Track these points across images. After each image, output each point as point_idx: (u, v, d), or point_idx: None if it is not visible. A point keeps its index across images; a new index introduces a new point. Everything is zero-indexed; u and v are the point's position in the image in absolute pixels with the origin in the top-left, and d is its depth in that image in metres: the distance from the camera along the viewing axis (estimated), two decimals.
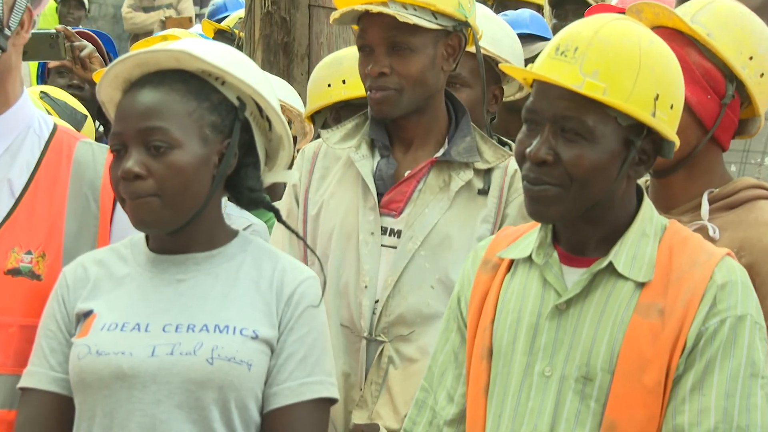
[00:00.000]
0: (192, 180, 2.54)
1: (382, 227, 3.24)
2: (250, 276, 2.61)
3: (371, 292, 3.21)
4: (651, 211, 2.50)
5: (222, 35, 6.99)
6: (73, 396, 2.58)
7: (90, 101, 5.16)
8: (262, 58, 5.34)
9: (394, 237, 3.23)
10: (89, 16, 12.38)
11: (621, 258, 2.42)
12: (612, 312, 2.41)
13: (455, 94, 3.40)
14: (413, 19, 3.14)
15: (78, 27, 7.14)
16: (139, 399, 2.49)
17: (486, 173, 3.26)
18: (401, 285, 3.20)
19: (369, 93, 3.23)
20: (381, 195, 3.25)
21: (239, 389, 2.51)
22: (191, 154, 2.53)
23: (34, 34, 2.86)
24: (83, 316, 2.61)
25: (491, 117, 4.70)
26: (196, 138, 2.54)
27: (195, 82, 2.58)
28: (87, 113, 5.03)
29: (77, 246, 2.74)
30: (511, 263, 2.58)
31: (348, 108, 3.92)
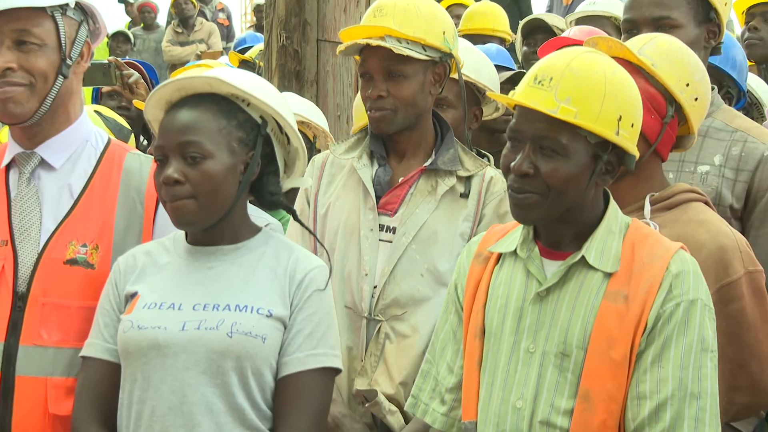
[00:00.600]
0: (221, 185, 2.54)
1: (379, 225, 3.21)
2: (269, 265, 2.62)
3: (371, 279, 3.18)
4: (616, 212, 2.51)
5: (245, 64, 7.00)
6: (120, 363, 2.59)
7: (135, 120, 5.17)
8: (278, 83, 5.33)
9: (389, 233, 3.20)
10: (134, 49, 12.35)
11: (591, 252, 2.44)
12: (585, 298, 2.42)
13: (441, 113, 3.38)
14: (406, 51, 3.11)
15: (126, 58, 7.12)
16: (171, 366, 2.51)
17: (467, 180, 3.23)
18: (396, 273, 3.16)
19: (369, 112, 3.21)
20: (379, 197, 3.22)
21: (254, 359, 2.51)
22: (221, 163, 2.54)
23: (90, 63, 2.85)
24: (130, 296, 2.62)
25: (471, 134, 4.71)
26: (225, 150, 2.55)
27: (225, 103, 2.59)
28: (131, 129, 5.04)
29: (125, 240, 2.74)
30: (500, 256, 2.59)
31: None
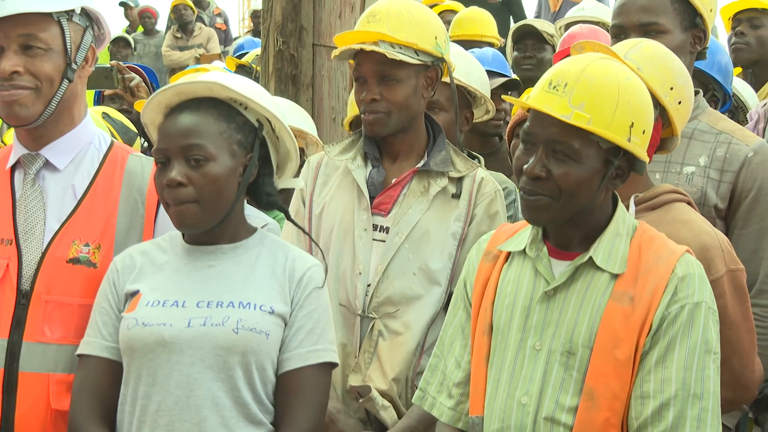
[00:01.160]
0: (224, 187, 2.55)
1: (373, 224, 3.19)
2: (266, 263, 2.63)
3: (364, 277, 3.17)
4: (624, 215, 2.51)
5: (242, 69, 7.00)
6: (122, 360, 2.59)
7: (136, 122, 5.15)
8: (274, 87, 5.33)
9: (383, 232, 3.19)
10: (135, 53, 12.37)
11: (599, 253, 2.43)
12: (591, 298, 2.42)
13: (434, 116, 3.38)
14: (399, 56, 3.11)
15: (127, 62, 7.12)
16: (178, 361, 2.51)
17: (458, 180, 3.22)
18: (389, 272, 3.15)
19: (363, 115, 3.21)
20: (372, 198, 3.21)
21: (258, 354, 2.53)
22: (223, 165, 2.55)
23: (94, 67, 2.86)
24: (131, 295, 2.62)
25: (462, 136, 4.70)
26: (226, 152, 2.56)
27: (224, 107, 2.60)
28: (137, 131, 5.04)
29: (127, 240, 2.74)
30: (508, 255, 2.59)
31: None
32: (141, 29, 13.78)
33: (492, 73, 4.58)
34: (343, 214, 3.24)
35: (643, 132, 2.42)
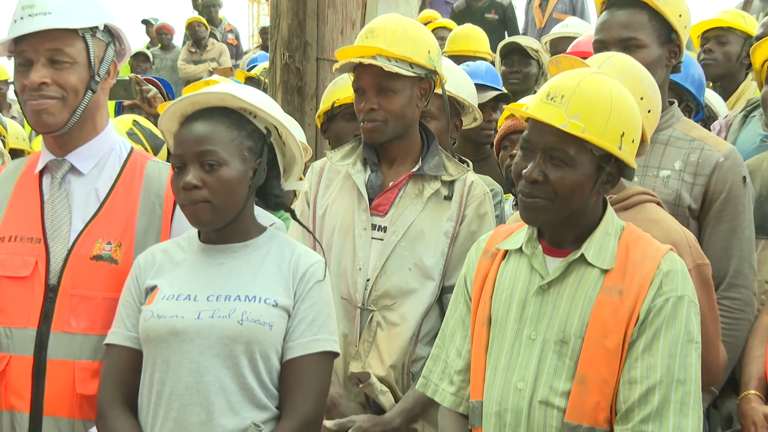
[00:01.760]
0: (235, 189, 2.58)
1: (372, 224, 3.22)
2: (274, 260, 2.64)
3: (364, 273, 3.19)
4: (613, 216, 2.53)
5: (251, 81, 6.99)
6: (142, 349, 2.62)
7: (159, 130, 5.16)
8: (281, 97, 5.24)
9: (381, 231, 3.22)
10: (153, 67, 12.27)
11: (590, 251, 2.46)
12: (583, 292, 2.44)
13: (426, 124, 3.38)
14: (395, 69, 3.13)
15: (145, 75, 7.14)
16: (188, 350, 2.53)
17: (450, 183, 3.25)
18: (386, 268, 3.18)
19: (362, 124, 3.20)
20: (371, 200, 3.23)
21: (262, 344, 2.55)
22: (235, 170, 2.57)
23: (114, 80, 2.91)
24: (150, 289, 2.64)
25: (453, 142, 4.73)
26: (237, 158, 2.58)
27: (235, 116, 2.61)
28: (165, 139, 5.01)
29: (145, 239, 2.77)
30: (506, 253, 2.61)
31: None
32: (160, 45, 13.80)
33: (485, 87, 4.63)
34: (344, 214, 3.25)
35: (633, 141, 2.46)
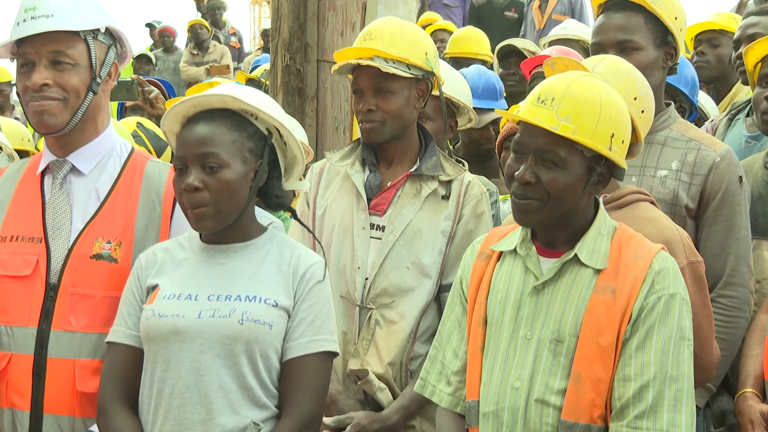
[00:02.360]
0: (236, 191, 2.55)
1: (370, 224, 3.20)
2: (274, 260, 2.62)
3: (363, 271, 3.17)
4: (605, 217, 2.53)
5: (252, 82, 7.00)
6: (143, 347, 2.60)
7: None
8: (282, 99, 5.29)
9: (379, 231, 3.20)
10: (156, 69, 12.32)
11: (583, 251, 2.45)
12: (577, 291, 2.44)
13: (422, 125, 3.36)
14: (393, 70, 3.12)
15: (148, 76, 7.13)
16: (189, 349, 2.51)
17: (447, 183, 3.23)
18: (385, 266, 3.16)
19: (360, 124, 3.20)
20: (370, 200, 3.22)
21: (262, 343, 2.53)
22: (236, 172, 2.55)
23: (116, 81, 2.89)
24: (151, 288, 2.62)
25: (455, 143, 4.69)
26: (239, 159, 2.56)
27: (236, 117, 2.59)
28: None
29: (145, 238, 2.75)
30: (500, 254, 2.60)
31: None
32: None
33: (484, 110, 4.50)
34: (343, 214, 3.25)
35: (622, 142, 2.45)
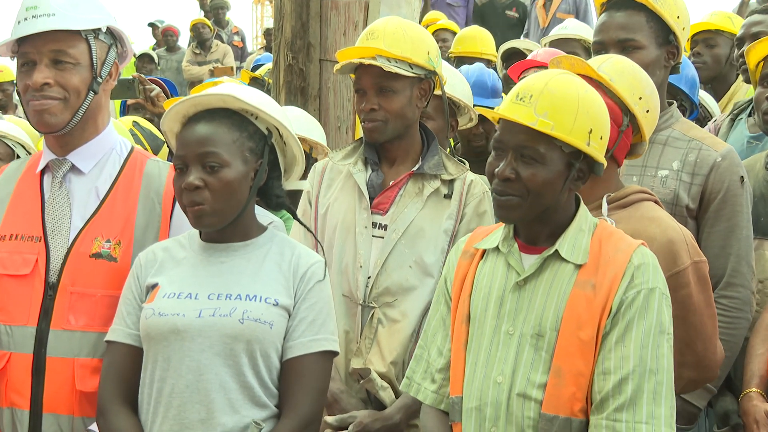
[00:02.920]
0: (236, 190, 2.54)
1: (372, 222, 3.19)
2: (274, 260, 2.61)
3: (365, 270, 3.16)
4: (586, 213, 2.53)
5: (255, 81, 7.00)
6: (142, 346, 2.58)
7: (158, 130, 5.16)
8: (285, 98, 5.31)
9: (382, 230, 3.18)
10: (158, 68, 12.35)
11: (564, 247, 2.46)
12: (558, 286, 2.44)
13: (424, 124, 3.36)
14: (395, 69, 3.11)
15: (151, 75, 7.11)
16: (189, 348, 2.50)
17: (450, 182, 3.22)
18: (387, 265, 3.15)
19: (363, 124, 3.20)
20: (372, 199, 3.21)
21: (263, 342, 2.51)
22: (236, 171, 2.54)
23: (117, 80, 2.86)
24: (151, 287, 2.61)
25: (456, 143, 4.66)
26: (239, 159, 2.55)
27: (236, 117, 2.59)
28: (164, 139, 5.02)
29: (144, 237, 2.74)
30: (484, 252, 2.60)
31: None
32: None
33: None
34: (346, 213, 3.23)
35: (601, 138, 2.45)
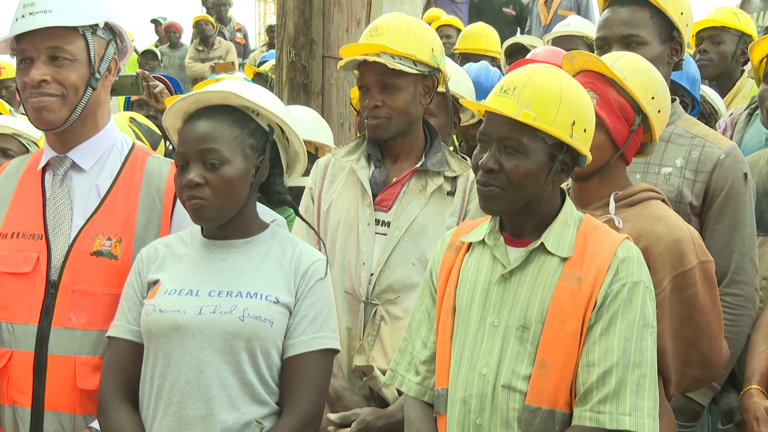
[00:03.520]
0: (237, 187, 2.53)
1: (375, 219, 3.16)
2: (275, 257, 2.61)
3: (368, 267, 3.14)
4: (571, 207, 2.54)
5: (259, 77, 6.99)
6: (143, 342, 2.58)
7: (161, 126, 5.15)
8: (287, 95, 5.31)
9: (384, 227, 3.17)
10: (162, 65, 12.36)
11: (550, 240, 2.46)
12: (543, 279, 2.45)
13: (428, 121, 3.36)
14: (399, 66, 3.09)
15: (153, 72, 7.10)
16: (189, 345, 2.49)
17: (453, 179, 3.21)
18: (390, 262, 3.13)
19: (366, 120, 3.19)
20: (375, 195, 3.18)
21: (263, 340, 2.51)
22: (237, 168, 2.53)
23: (120, 76, 2.85)
24: (152, 284, 2.60)
25: (460, 141, 4.65)
26: (240, 156, 2.54)
27: (237, 114, 2.58)
28: (162, 135, 5.03)
29: (145, 234, 2.72)
30: (469, 245, 2.60)
31: None
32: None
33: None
34: (348, 210, 3.22)
35: (584, 130, 2.46)
